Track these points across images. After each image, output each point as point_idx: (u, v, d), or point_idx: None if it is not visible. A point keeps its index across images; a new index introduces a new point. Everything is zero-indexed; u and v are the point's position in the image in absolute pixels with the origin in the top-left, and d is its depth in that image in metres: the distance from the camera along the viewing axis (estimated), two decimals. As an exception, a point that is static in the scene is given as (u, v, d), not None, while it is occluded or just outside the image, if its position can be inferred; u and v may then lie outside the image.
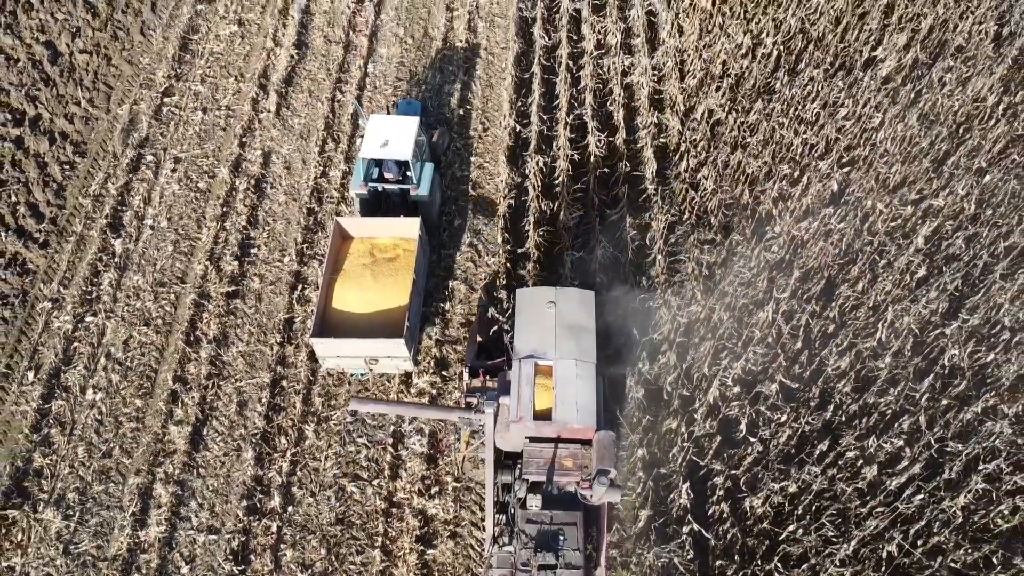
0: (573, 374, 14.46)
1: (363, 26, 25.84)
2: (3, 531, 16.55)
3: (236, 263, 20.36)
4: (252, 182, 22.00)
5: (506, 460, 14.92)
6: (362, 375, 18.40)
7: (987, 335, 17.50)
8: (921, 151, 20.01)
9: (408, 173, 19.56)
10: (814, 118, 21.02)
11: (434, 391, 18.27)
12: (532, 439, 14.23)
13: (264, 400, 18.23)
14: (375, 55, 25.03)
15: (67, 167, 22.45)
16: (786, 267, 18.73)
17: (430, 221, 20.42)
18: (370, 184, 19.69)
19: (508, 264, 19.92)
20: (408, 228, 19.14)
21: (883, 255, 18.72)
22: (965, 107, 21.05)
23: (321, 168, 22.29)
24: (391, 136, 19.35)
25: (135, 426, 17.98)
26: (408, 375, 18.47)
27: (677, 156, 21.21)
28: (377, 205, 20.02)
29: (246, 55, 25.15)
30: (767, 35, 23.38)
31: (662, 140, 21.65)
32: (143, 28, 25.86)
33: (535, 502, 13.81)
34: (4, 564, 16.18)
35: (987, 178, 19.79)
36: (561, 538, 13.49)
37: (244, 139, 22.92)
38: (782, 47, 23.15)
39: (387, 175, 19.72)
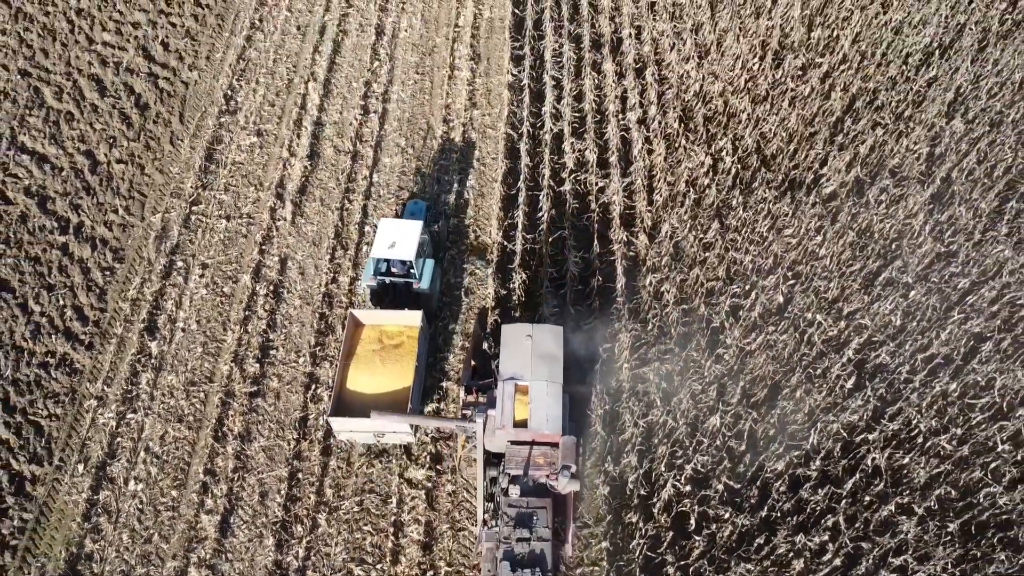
0: (544, 392, 19.04)
1: (369, 136, 28.95)
2: (60, 610, 19.39)
3: (257, 365, 23.29)
4: (271, 287, 25.00)
5: (493, 459, 19.23)
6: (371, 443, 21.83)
7: (904, 439, 20.38)
8: (853, 271, 22.95)
9: (412, 270, 22.86)
10: (763, 238, 24.00)
11: (429, 484, 21.11)
12: (513, 442, 18.71)
13: (283, 491, 21.08)
14: (380, 164, 28.11)
15: (107, 272, 25.45)
16: (734, 376, 21.66)
17: (430, 309, 23.87)
18: (379, 278, 23.05)
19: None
20: (412, 318, 22.42)
21: (818, 365, 21.63)
22: (896, 226, 24.03)
23: (331, 274, 25.28)
24: (397, 238, 22.64)
25: (171, 515, 20.84)
26: (407, 461, 21.33)
27: (644, 269, 24.19)
28: (384, 295, 23.36)
29: (264, 164, 28.25)
30: (727, 154, 26.48)
31: (631, 254, 24.65)
32: (172, 138, 28.97)
33: (515, 491, 18.29)
34: (62, 640, 19.00)
35: (912, 294, 22.78)
36: (535, 518, 18.03)
37: (263, 246, 25.94)
38: (739, 165, 26.23)
39: (394, 270, 23.10)
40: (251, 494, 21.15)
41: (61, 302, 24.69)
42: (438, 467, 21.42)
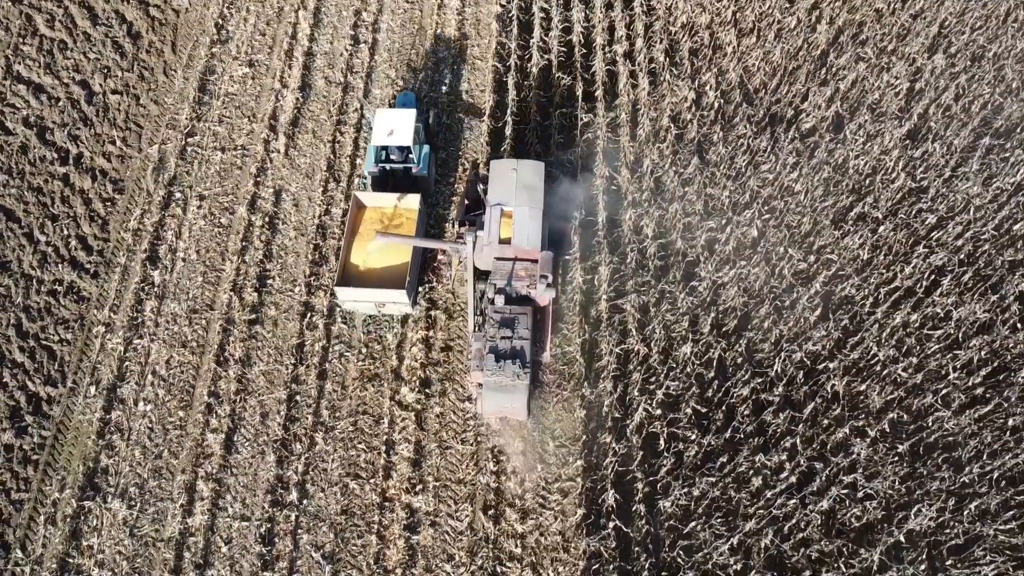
0: (527, 215, 22.22)
1: (359, 67, 29.30)
2: (82, 518, 21.17)
3: (255, 294, 24.47)
4: (266, 219, 25.94)
5: (481, 276, 22.21)
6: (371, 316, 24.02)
7: (863, 368, 21.76)
8: (826, 207, 23.85)
9: (410, 155, 24.56)
10: (740, 173, 24.80)
11: (419, 407, 22.62)
12: (498, 258, 21.94)
13: (282, 412, 22.60)
14: (370, 96, 28.59)
15: (108, 203, 26.36)
16: (706, 308, 22.89)
17: (427, 193, 25.52)
18: (379, 165, 24.75)
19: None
20: (411, 201, 24.41)
21: (786, 298, 22.81)
22: (871, 162, 24.79)
23: (325, 206, 26.18)
24: (395, 126, 24.22)
25: (179, 433, 22.43)
26: (399, 383, 22.81)
27: (625, 204, 25.07)
28: (385, 181, 25.06)
29: (257, 96, 28.75)
30: (710, 88, 26.95)
31: (613, 189, 25.47)
32: (165, 69, 29.35)
33: (500, 300, 21.50)
34: (84, 543, 20.84)
35: (881, 229, 23.76)
36: (516, 322, 21.30)
37: (258, 178, 26.75)
38: (722, 100, 26.75)
39: (392, 157, 24.73)
40: (252, 415, 22.67)
41: (66, 232, 25.69)
42: (427, 391, 22.87)
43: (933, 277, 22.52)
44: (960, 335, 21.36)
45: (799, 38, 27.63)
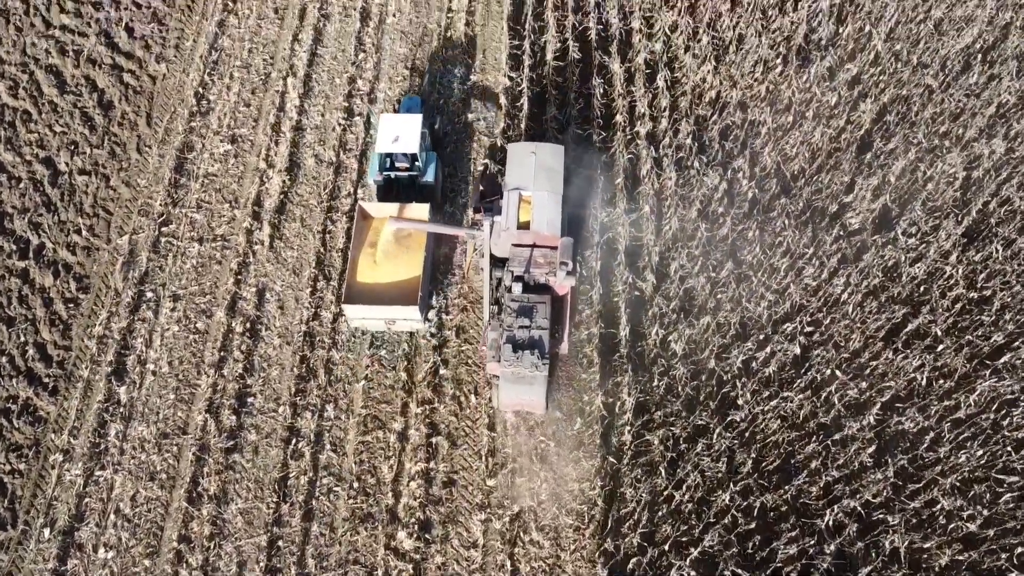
0: (546, 200, 21.06)
1: (353, 144, 26.53)
2: None
3: (234, 416, 21.69)
4: (247, 324, 23.16)
5: (498, 263, 21.03)
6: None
7: (926, 519, 19.03)
8: (880, 326, 21.11)
9: (416, 162, 23.39)
10: (780, 285, 22.03)
11: (418, 556, 19.85)
12: (516, 245, 20.81)
13: (262, 562, 19.83)
14: (364, 179, 25.80)
15: (71, 304, 23.58)
16: (746, 443, 20.13)
17: (435, 201, 24.21)
18: (384, 173, 23.59)
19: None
20: (418, 212, 23.14)
21: (838, 430, 20.07)
22: (926, 267, 22.04)
23: (313, 309, 23.40)
24: (400, 132, 23.06)
25: (144, 586, 19.67)
26: (394, 526, 20.07)
27: (650, 315, 22.31)
28: (389, 190, 23.86)
29: (240, 177, 25.94)
30: (743, 175, 24.19)
31: (636, 295, 22.72)
32: (139, 145, 26.55)
33: (517, 289, 20.54)
34: None
35: (940, 347, 21.03)
36: (535, 312, 20.31)
37: (239, 275, 23.96)
38: (756, 189, 23.99)
39: (398, 164, 23.54)
40: (228, 564, 19.89)
41: (22, 339, 22.93)
42: (427, 536, 20.12)
43: (1005, 409, 19.83)
44: (1035, 480, 18.67)
45: (841, 118, 24.89)
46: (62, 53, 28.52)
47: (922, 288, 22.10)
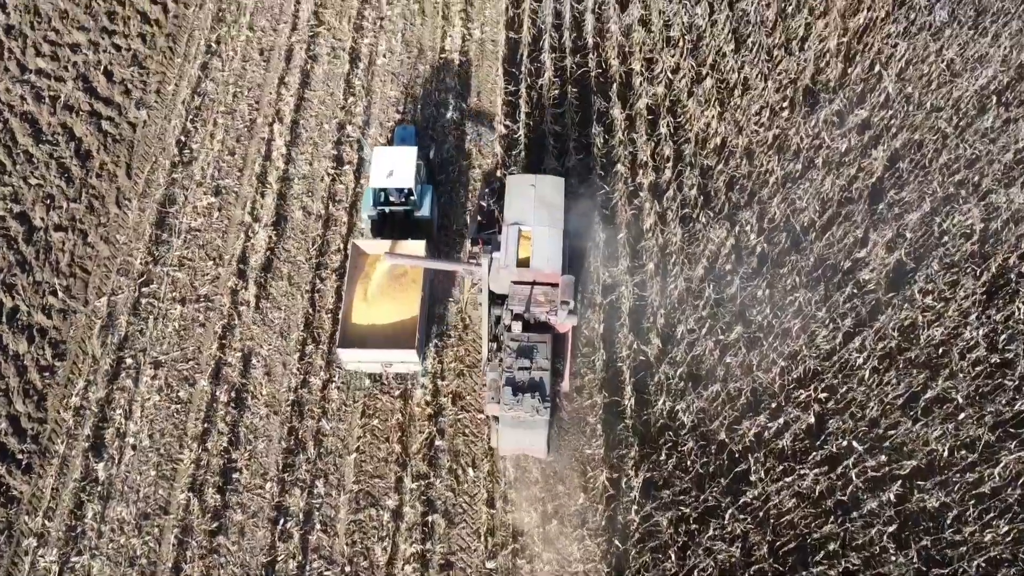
0: (546, 236, 20.32)
1: (343, 195, 25.40)
2: None
3: (218, 495, 20.53)
4: (232, 392, 22.01)
5: (497, 300, 20.32)
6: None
7: (952, 607, 17.97)
8: (897, 395, 20.05)
9: (412, 197, 22.58)
10: (793, 352, 20.97)
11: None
12: (516, 282, 20.00)
13: (249, 657, 18.71)
14: (355, 231, 24.66)
15: (46, 373, 22.40)
16: (761, 525, 19.04)
17: (431, 235, 23.36)
18: (378, 208, 22.72)
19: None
20: (415, 248, 22.17)
21: (856, 508, 19.01)
22: (944, 329, 20.99)
23: (302, 376, 22.26)
24: (394, 166, 22.29)
25: None
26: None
27: (655, 383, 21.24)
28: (384, 224, 22.96)
29: (224, 232, 24.79)
30: (751, 229, 23.13)
31: (641, 359, 21.64)
32: (118, 198, 25.37)
33: (517, 327, 19.83)
34: None
35: (961, 416, 19.97)
36: (535, 352, 19.58)
37: (223, 339, 22.81)
38: (765, 244, 22.94)
39: (392, 199, 22.68)
40: (213, 659, 18.77)
41: (-5, 411, 21.76)
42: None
43: (1031, 485, 18.79)
44: (1069, 563, 17.64)
45: (852, 165, 23.84)
46: (38, 99, 27.33)
47: (940, 351, 21.04)
